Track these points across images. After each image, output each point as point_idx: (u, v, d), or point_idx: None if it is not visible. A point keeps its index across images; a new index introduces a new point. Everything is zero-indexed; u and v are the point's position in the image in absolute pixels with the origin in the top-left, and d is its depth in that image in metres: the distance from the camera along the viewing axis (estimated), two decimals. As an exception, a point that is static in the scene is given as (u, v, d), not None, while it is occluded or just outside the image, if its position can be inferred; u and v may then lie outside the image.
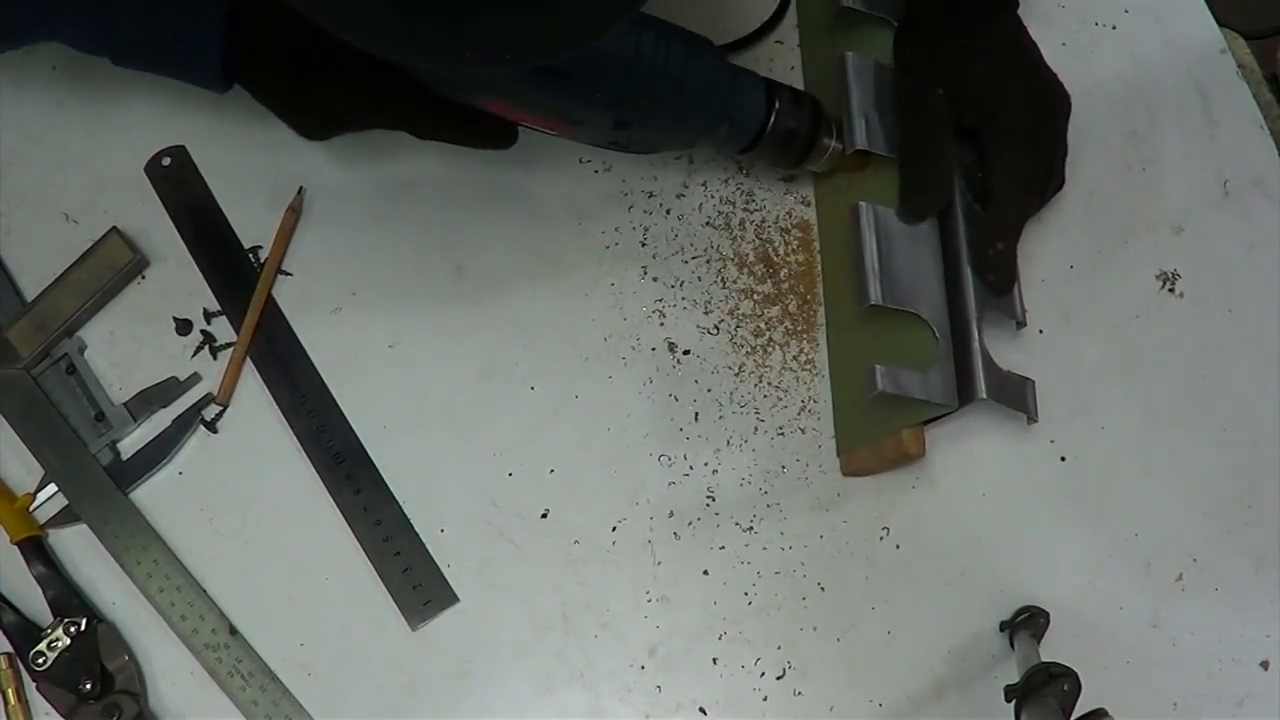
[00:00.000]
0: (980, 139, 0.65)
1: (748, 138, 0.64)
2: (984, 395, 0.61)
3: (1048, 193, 0.67)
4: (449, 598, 0.64)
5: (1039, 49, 0.66)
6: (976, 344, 0.62)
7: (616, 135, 0.62)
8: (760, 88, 0.64)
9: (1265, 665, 0.63)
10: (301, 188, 0.70)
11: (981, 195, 0.65)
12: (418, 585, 0.64)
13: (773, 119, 0.64)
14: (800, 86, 0.73)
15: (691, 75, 0.60)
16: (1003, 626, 0.64)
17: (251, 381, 0.67)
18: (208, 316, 0.69)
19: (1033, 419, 0.64)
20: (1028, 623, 0.62)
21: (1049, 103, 0.66)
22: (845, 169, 0.67)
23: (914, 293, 0.63)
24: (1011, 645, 0.63)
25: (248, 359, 0.68)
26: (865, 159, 0.66)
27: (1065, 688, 0.55)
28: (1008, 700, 0.56)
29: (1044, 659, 0.60)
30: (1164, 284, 0.69)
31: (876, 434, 0.63)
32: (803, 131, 0.65)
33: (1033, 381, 0.64)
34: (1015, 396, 0.64)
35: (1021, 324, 0.66)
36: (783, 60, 0.74)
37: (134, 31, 0.59)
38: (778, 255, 0.70)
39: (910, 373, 0.61)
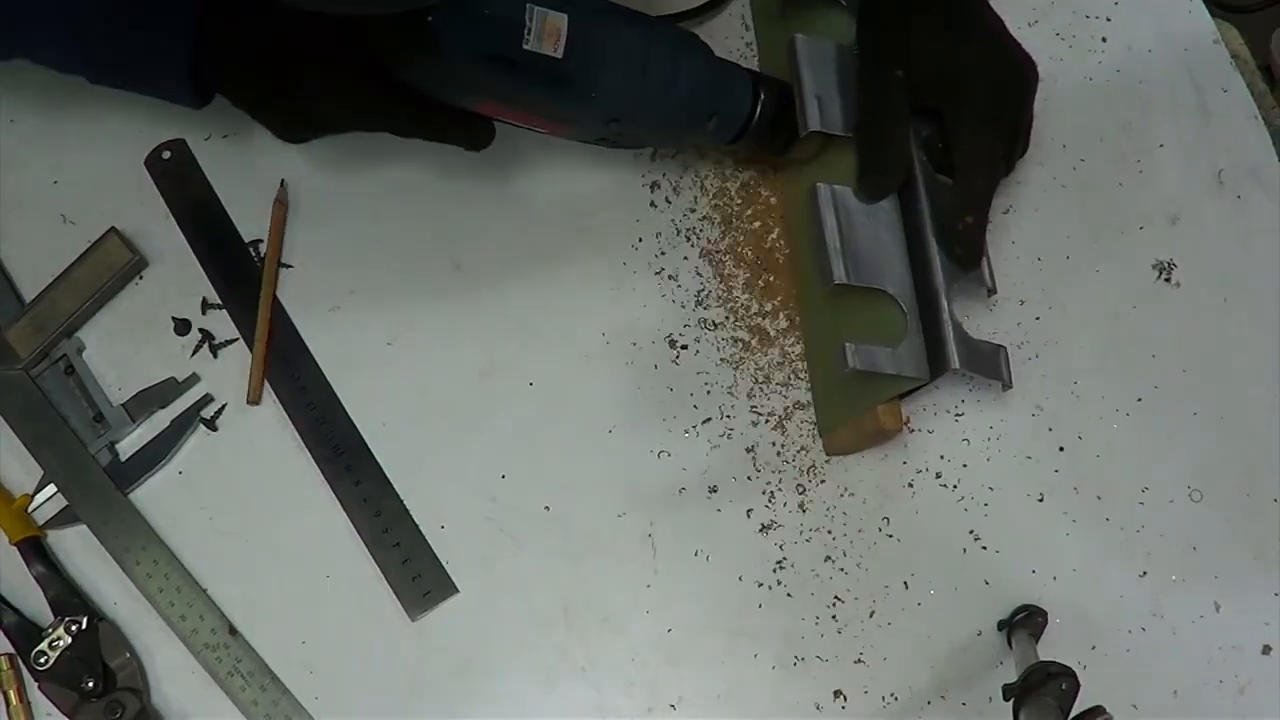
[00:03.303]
0: (942, 115, 0.64)
1: (734, 131, 0.65)
2: (956, 365, 0.60)
3: (1012, 159, 0.66)
4: (449, 588, 0.64)
5: (1001, 20, 0.65)
6: (946, 315, 0.61)
7: (606, 132, 0.62)
8: (747, 81, 0.64)
9: (1267, 650, 0.63)
10: (283, 180, 0.70)
11: (944, 167, 0.64)
12: (417, 576, 0.64)
13: (758, 112, 0.64)
14: (756, 68, 0.73)
15: (681, 73, 0.61)
16: (1001, 626, 0.64)
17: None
18: (205, 308, 0.69)
19: (1007, 386, 0.63)
20: (1025, 622, 0.62)
21: (1009, 74, 0.65)
22: (809, 153, 0.67)
23: (878, 269, 0.62)
24: (1009, 645, 0.63)
25: (249, 355, 0.68)
26: (825, 141, 0.66)
27: (1063, 686, 0.55)
28: (1006, 699, 0.56)
29: (1047, 651, 0.60)
30: (1160, 274, 0.70)
31: (854, 412, 0.63)
32: (787, 121, 0.65)
33: (1004, 348, 0.63)
34: (989, 364, 0.62)
35: (992, 291, 0.64)
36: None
37: (105, 52, 0.59)
38: (776, 247, 0.70)
39: (880, 349, 0.60)
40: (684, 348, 0.69)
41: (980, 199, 0.63)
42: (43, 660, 0.62)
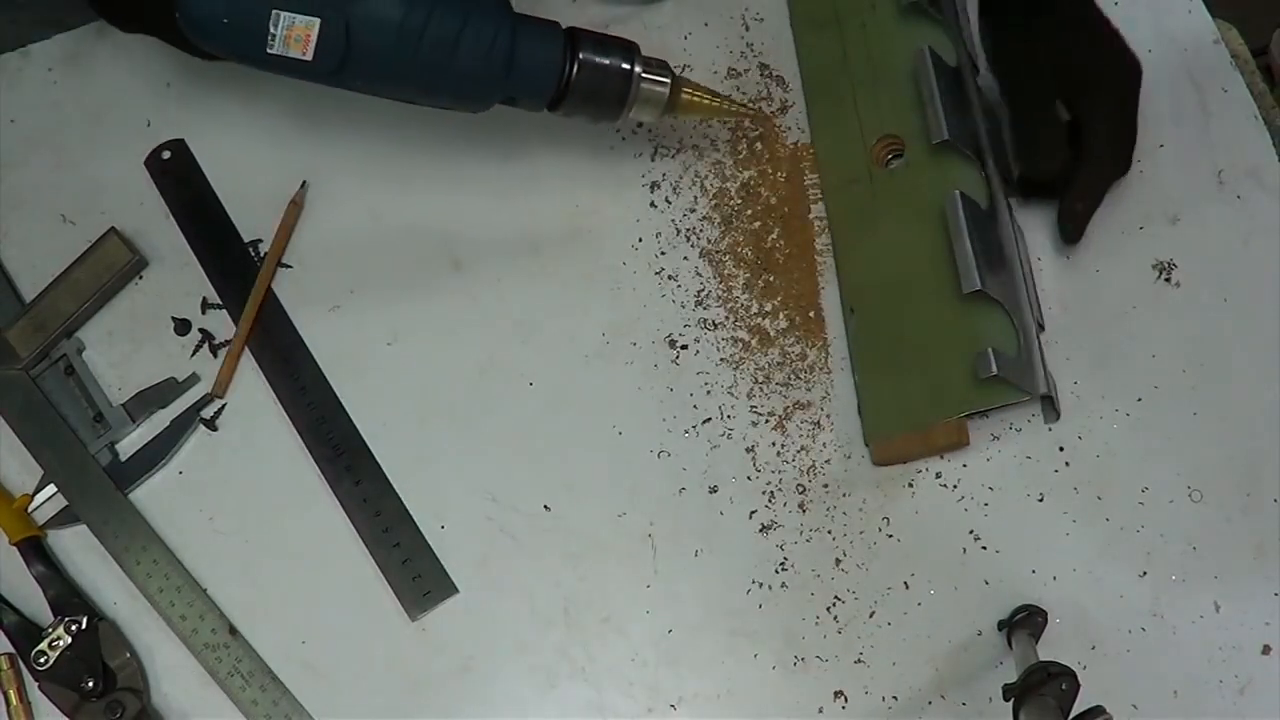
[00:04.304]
0: (1075, 106, 0.67)
1: (546, 94, 0.62)
2: (1044, 390, 0.62)
3: (1131, 157, 0.69)
4: (449, 588, 0.64)
5: (1109, 19, 0.69)
6: (1035, 338, 0.63)
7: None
8: (555, 39, 0.61)
9: (1267, 650, 0.63)
10: (305, 181, 0.70)
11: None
12: (417, 576, 0.64)
13: (575, 70, 0.61)
14: (797, 73, 0.73)
15: (460, 53, 0.59)
16: (1001, 626, 0.63)
17: (252, 376, 0.68)
18: (205, 307, 0.69)
19: (1058, 417, 0.65)
20: (1025, 622, 0.62)
21: (1130, 70, 0.68)
22: (688, 110, 0.66)
23: (1000, 283, 0.63)
24: (1009, 645, 0.63)
25: (249, 354, 0.68)
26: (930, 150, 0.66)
27: (1063, 686, 0.55)
28: (1006, 699, 0.56)
29: (1047, 651, 0.60)
30: (1160, 274, 0.69)
31: (919, 421, 0.64)
32: (613, 80, 0.62)
33: (1056, 382, 0.66)
34: (1055, 393, 0.65)
35: (1041, 327, 0.67)
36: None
37: None
38: (776, 247, 0.70)
39: (1011, 359, 0.61)
40: (684, 348, 0.69)
41: (1102, 188, 0.68)
42: (43, 660, 0.62)
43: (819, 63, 0.73)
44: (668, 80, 0.64)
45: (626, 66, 0.62)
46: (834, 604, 0.64)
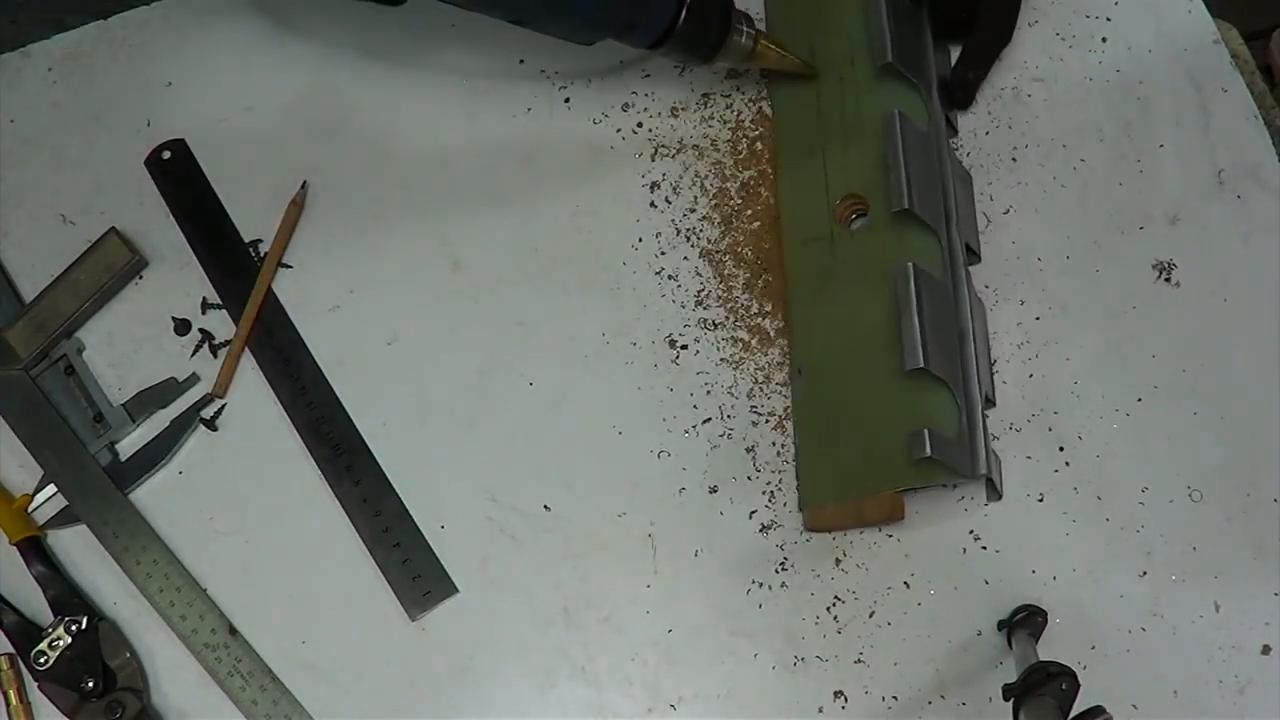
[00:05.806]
0: None
1: (656, 32, 0.65)
2: (984, 471, 0.62)
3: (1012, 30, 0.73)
4: (449, 588, 0.64)
5: None
6: (980, 419, 0.62)
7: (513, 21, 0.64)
8: None
9: (1267, 650, 0.63)
10: (305, 181, 0.70)
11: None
12: (417, 576, 0.64)
13: (682, 17, 0.64)
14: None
15: None
16: (1001, 626, 0.63)
17: (252, 376, 0.68)
18: (205, 307, 0.69)
19: (999, 497, 0.65)
20: (1025, 622, 0.62)
21: None
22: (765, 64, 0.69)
23: (944, 361, 0.62)
24: (1009, 645, 0.63)
25: (250, 354, 0.68)
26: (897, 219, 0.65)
27: (1063, 686, 0.54)
28: (1006, 699, 0.56)
29: (1047, 651, 0.59)
30: (1160, 274, 0.69)
31: (852, 492, 0.63)
32: (713, 28, 0.66)
33: (1000, 461, 0.65)
34: (997, 471, 0.64)
35: (992, 403, 0.66)
36: None
37: None
38: (776, 246, 0.70)
39: (949, 440, 0.60)
40: (684, 348, 0.69)
41: (991, 56, 0.72)
42: (43, 660, 0.62)
43: (793, 111, 0.72)
44: (754, 32, 0.67)
45: (726, 15, 0.66)
46: (834, 604, 0.64)
